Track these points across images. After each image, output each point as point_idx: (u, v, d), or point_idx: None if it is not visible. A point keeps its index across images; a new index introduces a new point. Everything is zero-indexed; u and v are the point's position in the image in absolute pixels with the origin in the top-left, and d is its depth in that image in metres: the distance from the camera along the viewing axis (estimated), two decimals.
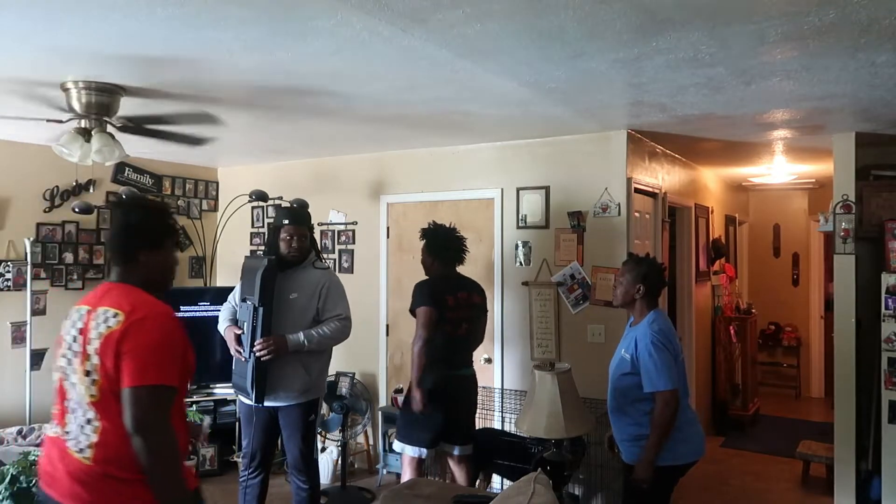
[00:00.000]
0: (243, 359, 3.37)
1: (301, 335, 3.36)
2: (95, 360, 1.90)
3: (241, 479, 3.61)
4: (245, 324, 3.37)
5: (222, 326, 3.55)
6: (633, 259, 3.16)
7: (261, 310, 3.30)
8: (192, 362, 2.05)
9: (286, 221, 3.49)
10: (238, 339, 3.41)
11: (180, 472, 1.91)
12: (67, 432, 1.94)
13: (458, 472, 3.88)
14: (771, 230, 8.13)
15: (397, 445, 3.76)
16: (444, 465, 4.14)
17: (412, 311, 3.71)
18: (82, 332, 1.98)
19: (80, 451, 1.90)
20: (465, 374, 3.79)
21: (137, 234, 2.06)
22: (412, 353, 3.62)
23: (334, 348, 3.56)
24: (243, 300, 3.44)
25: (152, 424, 1.86)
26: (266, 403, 3.41)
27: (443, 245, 3.81)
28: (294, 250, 3.48)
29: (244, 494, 3.60)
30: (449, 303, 3.67)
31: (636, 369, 2.91)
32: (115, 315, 1.93)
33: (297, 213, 3.60)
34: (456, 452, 3.78)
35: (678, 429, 2.89)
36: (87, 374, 1.91)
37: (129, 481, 1.87)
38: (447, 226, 3.89)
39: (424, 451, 3.66)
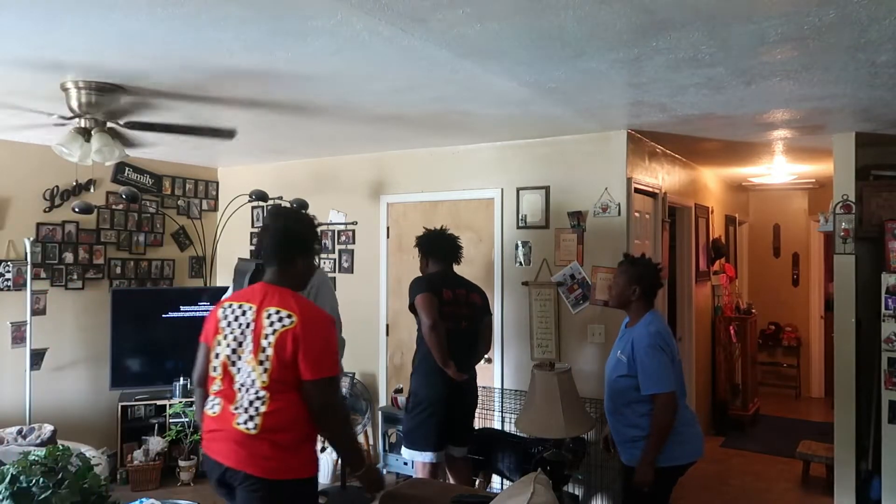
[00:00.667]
0: None
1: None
2: (269, 351, 2.24)
3: None
4: None
5: None
6: (627, 260, 3.15)
7: None
8: None
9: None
10: None
11: (356, 438, 2.44)
12: (236, 408, 2.28)
13: (453, 473, 3.88)
14: (771, 230, 8.13)
15: (405, 453, 3.72)
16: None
17: (411, 307, 3.69)
18: (254, 327, 2.29)
19: (246, 423, 2.24)
20: (468, 375, 3.74)
21: (297, 242, 2.43)
22: (427, 342, 3.56)
23: None
24: None
25: (335, 406, 2.31)
26: None
27: (434, 244, 3.80)
28: None
29: None
30: (445, 296, 3.62)
31: (633, 371, 2.90)
32: (289, 316, 2.26)
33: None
34: (453, 454, 3.76)
35: (676, 430, 2.88)
36: (261, 363, 2.25)
37: (284, 449, 2.25)
38: (438, 228, 3.88)
39: (432, 455, 3.62)
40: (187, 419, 4.85)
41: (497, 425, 4.45)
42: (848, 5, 2.14)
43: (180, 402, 4.91)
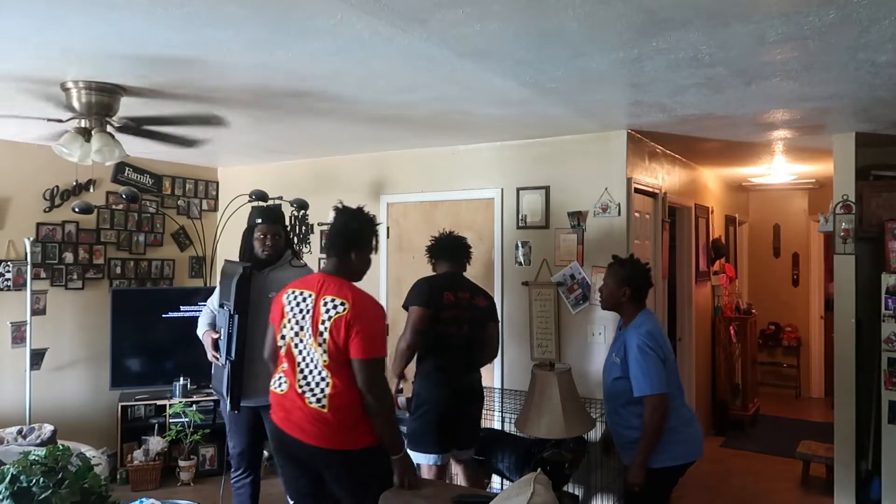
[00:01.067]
0: (220, 364, 3.35)
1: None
2: (326, 335, 2.54)
3: (232, 481, 3.61)
4: (222, 329, 3.34)
5: (201, 331, 3.54)
6: (616, 262, 3.14)
7: (236, 317, 3.26)
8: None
9: (259, 221, 3.46)
10: (215, 345, 3.39)
11: (396, 418, 2.62)
12: (303, 388, 2.59)
13: (460, 475, 3.87)
14: (771, 230, 8.13)
15: (411, 455, 3.71)
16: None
17: (405, 307, 3.68)
18: (313, 313, 2.59)
19: (318, 401, 2.55)
20: (471, 378, 3.71)
21: (356, 237, 2.70)
22: (396, 348, 3.59)
23: None
24: (221, 305, 3.41)
25: (379, 386, 2.55)
26: (247, 404, 3.37)
27: (441, 247, 3.80)
28: (268, 248, 3.44)
29: (237, 496, 3.60)
30: (446, 299, 3.58)
31: (627, 373, 2.91)
32: (343, 304, 2.55)
33: (271, 212, 3.56)
34: (459, 456, 3.74)
35: (673, 430, 2.88)
36: (320, 345, 2.55)
37: (350, 423, 2.54)
38: (447, 231, 3.88)
39: (436, 457, 3.59)
40: (187, 419, 4.85)
41: (497, 425, 4.45)
42: (848, 5, 2.14)
43: (180, 402, 4.91)
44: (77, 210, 4.59)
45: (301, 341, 2.61)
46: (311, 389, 2.57)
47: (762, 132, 4.30)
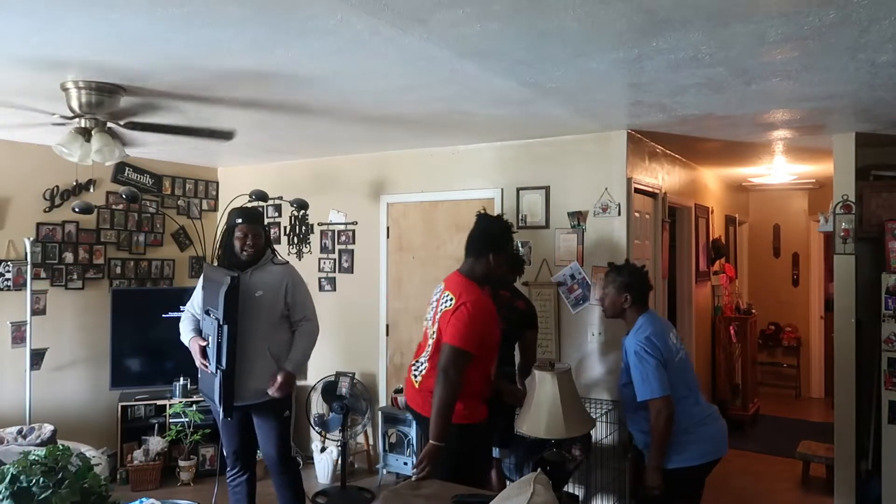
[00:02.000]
0: (209, 371, 3.36)
1: (298, 358, 3.50)
2: (435, 326, 2.92)
3: (228, 480, 3.61)
4: (210, 337, 3.33)
5: (186, 338, 3.52)
6: (613, 269, 3.15)
7: (225, 328, 3.24)
8: (496, 337, 2.98)
9: (240, 221, 3.44)
10: (203, 352, 3.39)
11: (448, 411, 2.77)
12: (415, 364, 3.03)
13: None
14: (771, 230, 8.13)
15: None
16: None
17: None
18: (436, 306, 2.97)
19: (415, 378, 3.01)
20: (503, 372, 3.65)
21: (493, 241, 2.95)
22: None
23: (333, 347, 3.53)
24: (206, 311, 3.40)
25: (446, 371, 2.78)
26: (239, 404, 3.37)
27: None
28: (249, 248, 3.43)
29: (233, 494, 3.60)
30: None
31: (631, 379, 2.94)
32: (452, 299, 2.88)
33: (251, 213, 3.56)
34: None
35: (684, 431, 2.87)
36: (433, 334, 2.93)
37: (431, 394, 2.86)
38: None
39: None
40: (187, 419, 4.85)
41: None
42: (848, 5, 2.14)
43: (180, 401, 4.91)
44: (77, 210, 4.59)
45: (427, 324, 3.05)
46: (417, 367, 3.02)
47: (762, 132, 4.30)
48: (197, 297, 3.57)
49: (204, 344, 3.37)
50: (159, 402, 5.03)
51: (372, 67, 2.86)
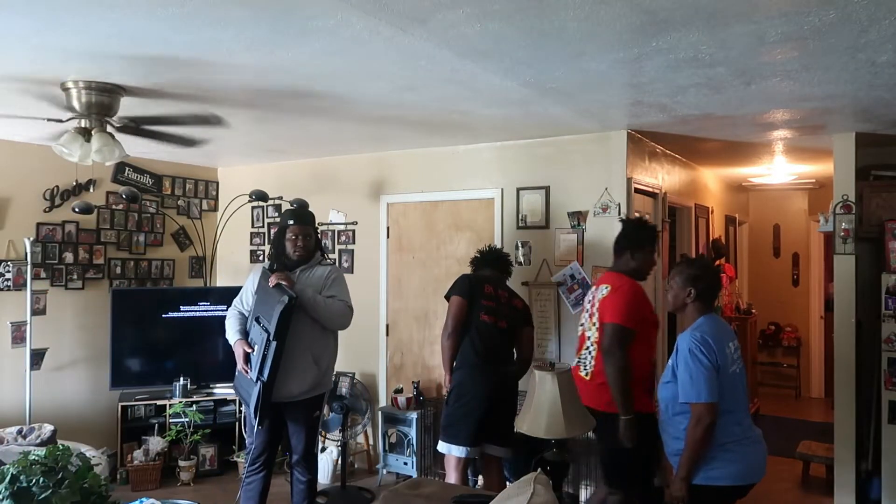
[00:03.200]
0: (249, 377, 3.39)
1: (312, 295, 3.42)
2: (596, 316, 3.27)
3: (245, 475, 3.62)
4: (257, 346, 3.37)
5: (232, 337, 3.54)
6: (684, 261, 3.09)
7: (274, 343, 3.27)
8: (650, 315, 3.33)
9: (291, 222, 3.55)
10: (247, 358, 3.42)
11: (625, 386, 3.08)
12: (578, 360, 3.38)
13: (485, 474, 3.85)
14: (771, 230, 8.13)
15: (441, 447, 3.69)
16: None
17: (447, 298, 3.80)
18: (592, 300, 3.36)
19: (584, 372, 3.31)
20: (508, 370, 3.77)
21: (628, 240, 3.38)
22: (441, 343, 3.76)
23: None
24: (257, 319, 3.43)
25: (610, 352, 3.10)
26: (276, 400, 3.41)
27: (485, 257, 3.95)
28: (300, 249, 3.53)
29: (245, 490, 3.61)
30: (486, 290, 3.74)
31: (675, 377, 2.69)
32: (607, 287, 3.27)
33: (302, 214, 3.66)
34: (491, 453, 3.72)
35: (724, 447, 2.62)
36: (594, 325, 3.28)
37: (602, 385, 3.17)
38: (488, 246, 4.07)
39: (467, 449, 3.60)
40: (187, 419, 4.85)
41: None
42: (848, 5, 2.14)
43: (180, 401, 4.91)
44: (77, 210, 4.59)
45: (587, 324, 3.36)
46: (583, 362, 3.32)
47: (762, 132, 4.30)
48: (246, 294, 3.61)
49: (249, 351, 3.43)
50: (159, 402, 5.03)
51: (372, 67, 2.86)
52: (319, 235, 3.81)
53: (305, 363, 3.45)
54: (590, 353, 3.31)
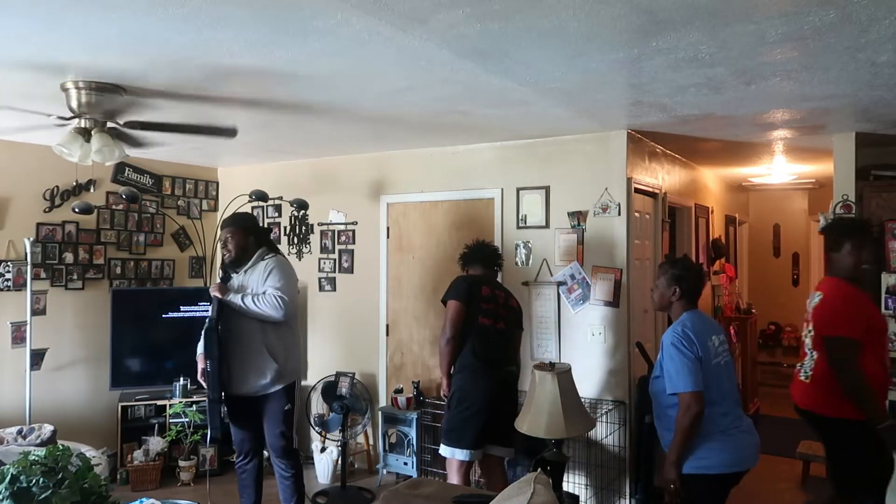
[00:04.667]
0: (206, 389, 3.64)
1: (238, 296, 3.58)
2: (812, 324, 3.24)
3: (236, 466, 3.84)
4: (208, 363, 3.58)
5: (199, 349, 3.72)
6: (667, 262, 3.14)
7: (208, 363, 3.55)
8: (878, 321, 3.21)
9: (220, 227, 3.78)
10: (204, 372, 3.62)
11: (866, 397, 2.96)
12: (799, 366, 3.37)
13: (486, 474, 3.85)
14: (771, 230, 8.14)
15: (444, 450, 3.70)
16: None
17: (444, 302, 3.81)
18: (808, 306, 3.34)
19: (805, 375, 3.31)
20: (508, 371, 3.79)
21: (829, 240, 3.30)
22: (439, 347, 3.78)
23: (333, 347, 3.60)
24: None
25: (837, 362, 3.05)
26: (239, 393, 3.63)
27: (475, 252, 3.97)
28: (228, 251, 3.69)
29: (240, 479, 3.83)
30: (483, 292, 3.75)
31: (663, 372, 2.84)
32: (819, 296, 3.23)
33: (230, 217, 3.83)
34: (494, 454, 3.73)
35: (713, 437, 2.76)
36: (809, 331, 3.28)
37: (822, 392, 3.20)
38: (478, 240, 4.10)
39: (470, 452, 3.61)
40: (187, 419, 4.85)
41: None
42: (848, 5, 2.14)
43: (180, 402, 4.91)
44: (77, 210, 4.59)
45: (805, 329, 3.35)
46: (803, 367, 3.32)
47: (762, 132, 4.30)
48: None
49: (202, 367, 3.62)
50: (159, 403, 5.03)
51: (372, 67, 2.86)
52: (259, 232, 3.88)
53: (262, 359, 3.58)
54: (812, 357, 3.25)
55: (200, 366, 3.63)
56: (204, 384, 3.62)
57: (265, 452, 3.87)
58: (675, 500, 2.76)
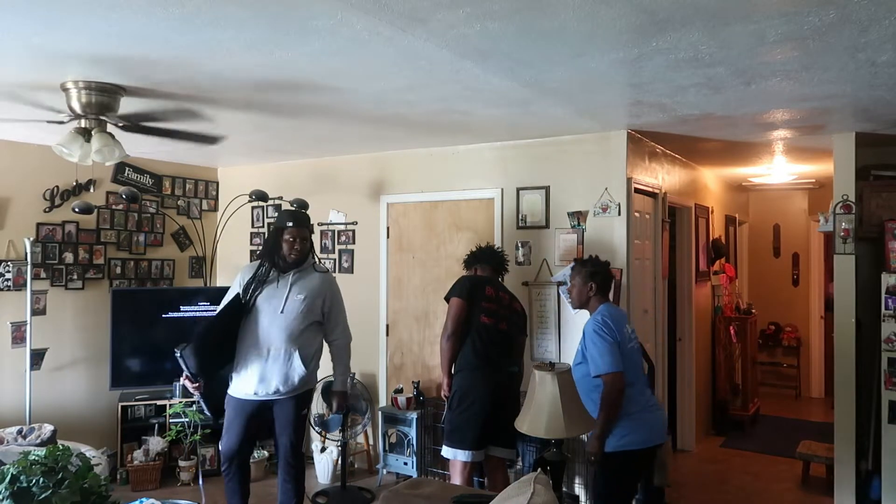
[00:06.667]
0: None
1: (344, 375, 3.74)
2: None
3: (223, 472, 3.69)
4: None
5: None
6: (578, 262, 3.43)
7: (199, 399, 3.68)
8: None
9: (290, 224, 3.58)
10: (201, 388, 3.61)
11: None
12: None
13: (489, 474, 3.84)
14: (771, 230, 8.13)
15: (446, 451, 3.70)
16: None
17: (447, 299, 3.81)
18: None
19: None
20: (510, 371, 3.79)
21: None
22: (440, 345, 3.77)
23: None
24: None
25: None
26: (262, 397, 3.54)
27: (482, 253, 4.00)
28: (296, 252, 3.59)
29: (228, 486, 3.68)
30: (487, 292, 3.76)
31: (585, 358, 3.17)
32: None
33: (300, 216, 3.68)
34: (495, 454, 3.73)
35: (629, 415, 3.08)
36: None
37: None
38: (484, 244, 4.15)
39: (473, 453, 3.61)
40: (187, 419, 4.85)
41: None
42: (848, 5, 2.14)
43: (180, 401, 4.91)
44: (77, 210, 4.59)
45: None
46: None
47: (762, 132, 4.30)
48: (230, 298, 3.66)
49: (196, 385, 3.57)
50: (159, 403, 5.03)
51: (372, 68, 2.86)
52: (314, 237, 3.88)
53: (294, 363, 3.52)
54: None
55: (192, 385, 3.50)
56: (197, 394, 3.56)
57: (262, 453, 3.84)
58: (595, 467, 3.13)
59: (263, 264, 3.62)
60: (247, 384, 3.53)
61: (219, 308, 3.66)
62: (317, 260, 3.81)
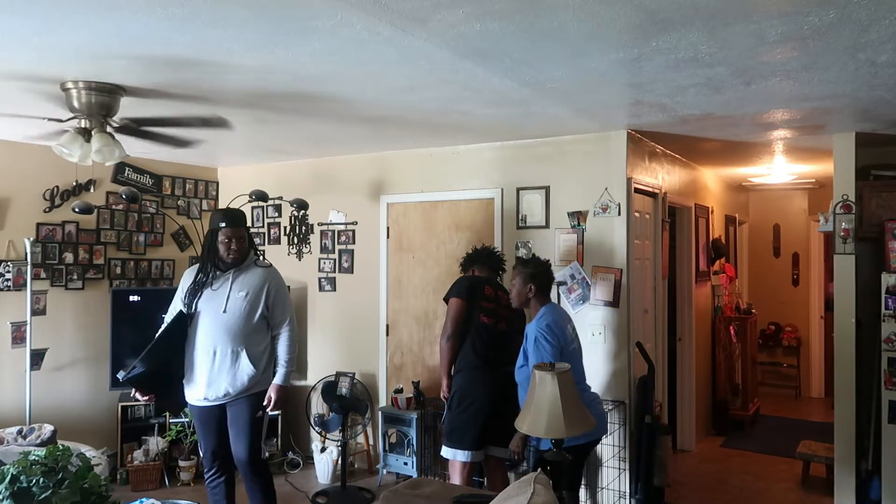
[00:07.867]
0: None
1: (287, 369, 3.56)
2: None
3: (206, 481, 3.62)
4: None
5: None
6: (520, 262, 3.48)
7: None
8: None
9: (223, 224, 3.49)
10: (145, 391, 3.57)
11: None
12: None
13: (489, 474, 3.84)
14: (771, 230, 8.13)
15: (446, 452, 3.69)
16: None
17: (446, 300, 3.81)
18: None
19: None
20: (510, 371, 3.77)
21: None
22: (440, 345, 3.78)
23: (333, 347, 3.57)
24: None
25: None
26: (213, 401, 3.46)
27: (479, 254, 4.01)
28: (234, 252, 3.50)
29: (212, 495, 3.62)
30: (486, 292, 3.76)
31: (527, 361, 3.23)
32: None
33: (234, 215, 3.60)
34: (495, 454, 3.72)
35: None
36: None
37: None
38: (481, 245, 4.16)
39: (472, 453, 3.61)
40: (187, 419, 4.85)
41: None
42: (848, 5, 2.14)
43: None
44: (77, 210, 4.59)
45: None
46: None
47: (762, 132, 4.30)
48: (176, 303, 3.61)
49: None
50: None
51: (372, 68, 2.86)
52: (251, 235, 3.77)
53: (242, 362, 3.44)
54: None
55: (144, 398, 3.49)
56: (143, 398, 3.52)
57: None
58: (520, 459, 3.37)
59: (203, 268, 3.53)
60: (197, 390, 3.46)
61: (161, 328, 3.57)
62: (259, 256, 3.71)
